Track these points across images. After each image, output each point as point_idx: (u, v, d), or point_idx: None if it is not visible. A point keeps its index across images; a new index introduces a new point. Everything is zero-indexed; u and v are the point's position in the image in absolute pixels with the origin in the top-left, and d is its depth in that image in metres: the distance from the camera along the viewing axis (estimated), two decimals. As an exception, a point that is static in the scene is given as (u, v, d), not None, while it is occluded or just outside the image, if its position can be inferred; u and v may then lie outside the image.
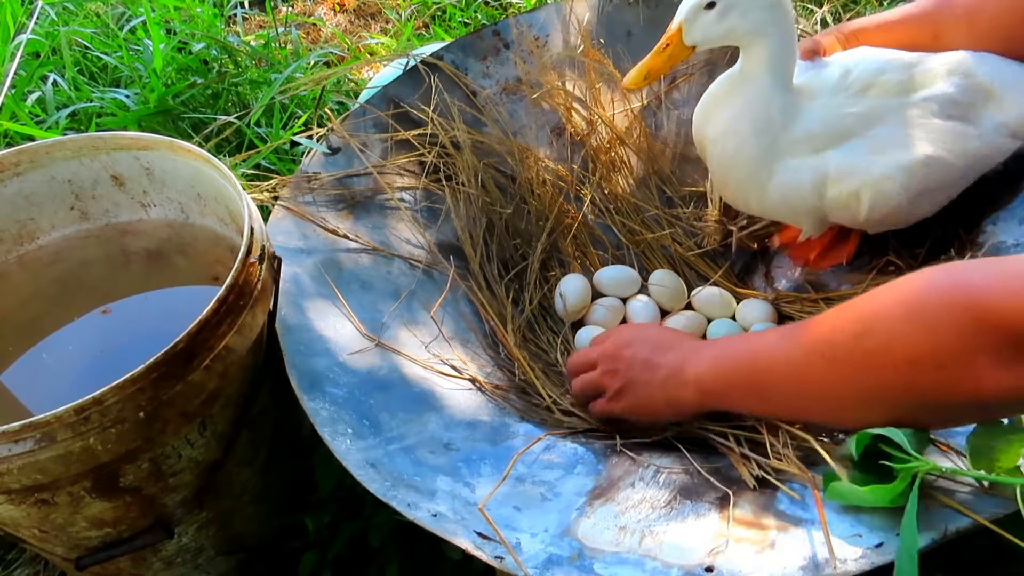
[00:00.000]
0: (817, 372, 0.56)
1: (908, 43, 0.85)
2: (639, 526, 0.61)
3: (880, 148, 0.79)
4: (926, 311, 0.50)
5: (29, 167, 0.85)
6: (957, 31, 0.83)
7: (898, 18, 0.87)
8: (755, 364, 0.62)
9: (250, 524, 0.85)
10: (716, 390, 0.65)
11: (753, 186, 0.85)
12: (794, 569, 0.52)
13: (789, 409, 0.62)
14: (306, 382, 0.71)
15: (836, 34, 0.89)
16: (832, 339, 0.56)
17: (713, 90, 0.86)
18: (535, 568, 0.56)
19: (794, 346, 0.58)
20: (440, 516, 0.60)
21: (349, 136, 0.97)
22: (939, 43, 0.84)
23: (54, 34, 1.51)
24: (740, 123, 0.82)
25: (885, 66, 0.81)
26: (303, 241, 0.87)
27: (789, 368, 0.59)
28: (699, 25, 0.78)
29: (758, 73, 0.81)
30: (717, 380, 0.65)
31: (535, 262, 1.00)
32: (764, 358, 0.61)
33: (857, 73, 0.81)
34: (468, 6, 1.78)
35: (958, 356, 0.49)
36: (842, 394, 0.56)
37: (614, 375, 0.73)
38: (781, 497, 0.61)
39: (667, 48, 0.80)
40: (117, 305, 0.88)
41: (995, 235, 0.81)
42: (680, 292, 1.00)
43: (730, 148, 0.84)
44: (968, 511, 0.52)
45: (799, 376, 0.58)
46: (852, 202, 0.81)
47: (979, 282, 0.49)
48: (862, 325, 0.54)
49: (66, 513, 0.67)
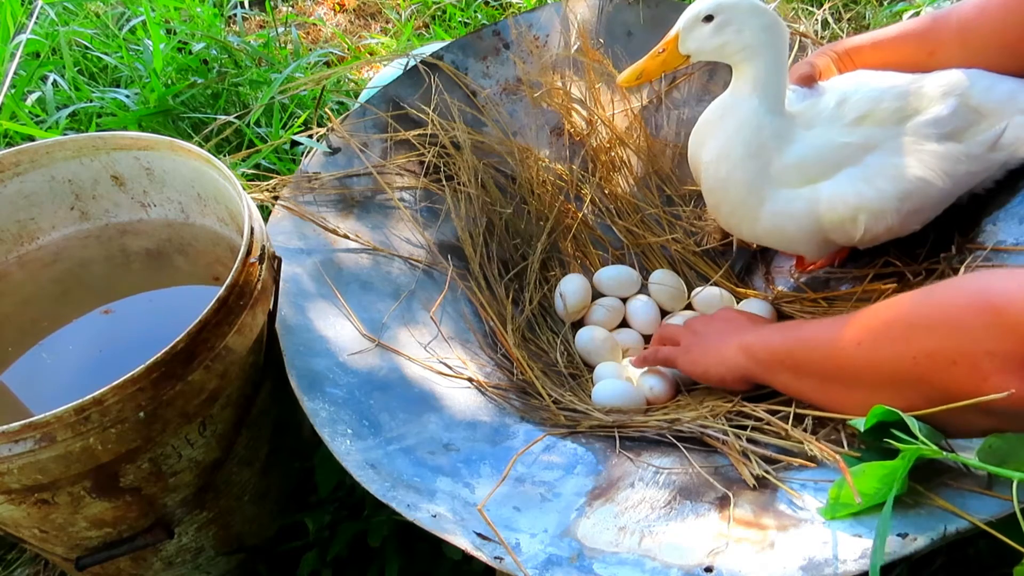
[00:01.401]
0: (845, 355, 0.60)
1: (903, 61, 0.85)
2: (639, 526, 0.61)
3: (874, 176, 0.80)
4: (951, 309, 0.53)
5: (29, 167, 0.85)
6: (951, 48, 0.83)
7: (893, 36, 0.87)
8: (797, 341, 0.67)
9: (250, 524, 0.85)
10: (761, 358, 0.70)
11: (745, 211, 0.85)
12: (794, 569, 0.52)
13: (815, 391, 0.66)
14: (306, 382, 0.71)
15: (830, 54, 0.89)
16: (866, 326, 0.60)
17: (706, 116, 0.87)
18: (534, 568, 0.56)
19: (834, 331, 0.62)
20: (440, 517, 0.60)
21: (349, 136, 0.97)
22: (934, 60, 0.84)
23: (54, 34, 1.51)
24: (732, 147, 0.82)
25: (881, 95, 0.81)
26: (303, 241, 0.87)
27: (824, 350, 0.63)
28: (695, 36, 0.80)
29: (748, 95, 0.81)
30: (763, 350, 0.70)
31: (535, 262, 1.00)
32: (806, 337, 0.66)
33: (853, 102, 0.81)
34: (468, 6, 1.78)
35: (970, 355, 0.51)
36: (862, 377, 0.59)
37: (694, 334, 0.82)
38: (781, 496, 0.61)
39: (662, 53, 0.82)
40: (117, 305, 0.88)
41: (995, 234, 0.81)
42: (680, 292, 1.00)
43: (722, 172, 0.84)
44: (966, 514, 0.52)
45: (831, 358, 0.62)
46: (848, 225, 0.82)
47: (1004, 288, 0.51)
48: (893, 315, 0.58)
49: (66, 513, 0.67)
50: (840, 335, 0.61)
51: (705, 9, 0.79)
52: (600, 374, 0.90)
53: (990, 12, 0.81)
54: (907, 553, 0.51)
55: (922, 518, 0.53)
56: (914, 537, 0.51)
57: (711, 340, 0.78)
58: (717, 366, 0.75)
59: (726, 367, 0.74)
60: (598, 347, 0.94)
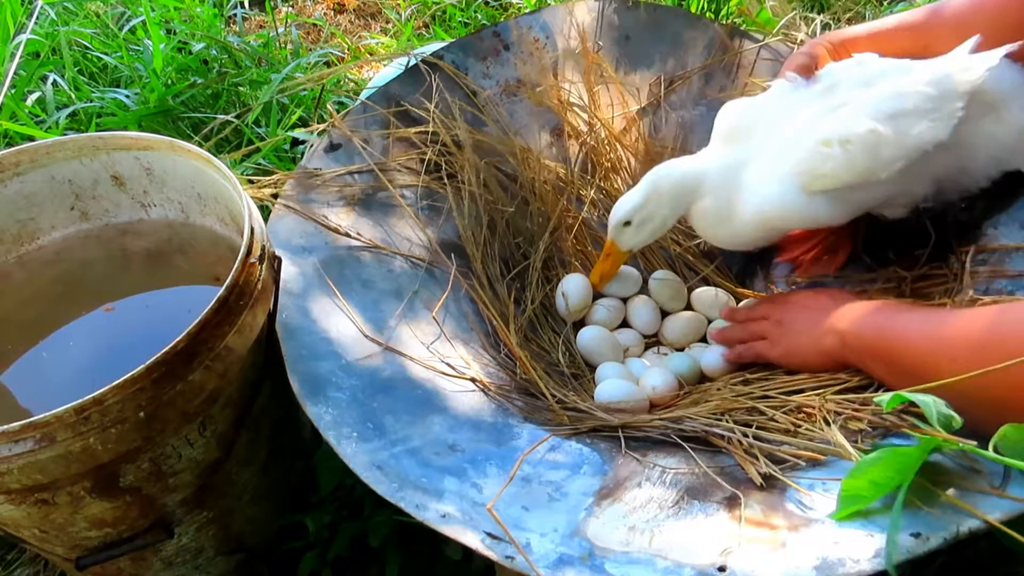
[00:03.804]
0: (938, 368, 0.60)
1: (898, 53, 0.84)
2: (648, 526, 0.60)
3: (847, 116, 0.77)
4: None
5: (29, 167, 0.85)
6: (947, 41, 0.83)
7: (889, 28, 0.87)
8: (891, 337, 0.67)
9: (250, 524, 0.84)
10: (854, 347, 0.71)
11: (734, 238, 0.87)
12: (808, 569, 0.52)
13: (904, 386, 0.66)
14: (308, 388, 0.71)
15: (826, 44, 0.89)
16: (964, 342, 0.60)
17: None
18: (546, 568, 0.56)
19: (928, 334, 0.64)
20: (449, 517, 0.60)
21: (350, 132, 0.97)
22: (929, 53, 0.84)
23: (54, 34, 1.50)
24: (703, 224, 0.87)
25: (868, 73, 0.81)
26: (304, 239, 0.86)
27: (916, 356, 0.64)
28: (626, 238, 0.89)
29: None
30: (856, 339, 0.71)
31: (537, 261, 1.00)
32: (899, 334, 0.66)
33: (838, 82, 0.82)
34: (468, 6, 1.78)
35: None
36: (951, 390, 0.59)
37: (779, 325, 0.82)
38: (790, 496, 0.60)
39: (609, 256, 0.91)
40: (117, 305, 0.88)
41: (996, 239, 0.81)
42: (680, 292, 1.00)
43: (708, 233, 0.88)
44: (979, 512, 0.52)
45: (923, 366, 0.63)
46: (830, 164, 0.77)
47: None
48: (992, 338, 0.58)
49: (66, 513, 0.67)
50: (934, 345, 0.62)
51: (621, 219, 0.87)
52: (603, 374, 0.90)
53: (985, 6, 0.82)
54: (922, 552, 0.51)
55: (935, 518, 0.52)
56: (927, 536, 0.51)
57: (801, 329, 0.79)
58: (815, 356, 0.76)
59: (823, 356, 0.75)
60: (600, 347, 0.94)
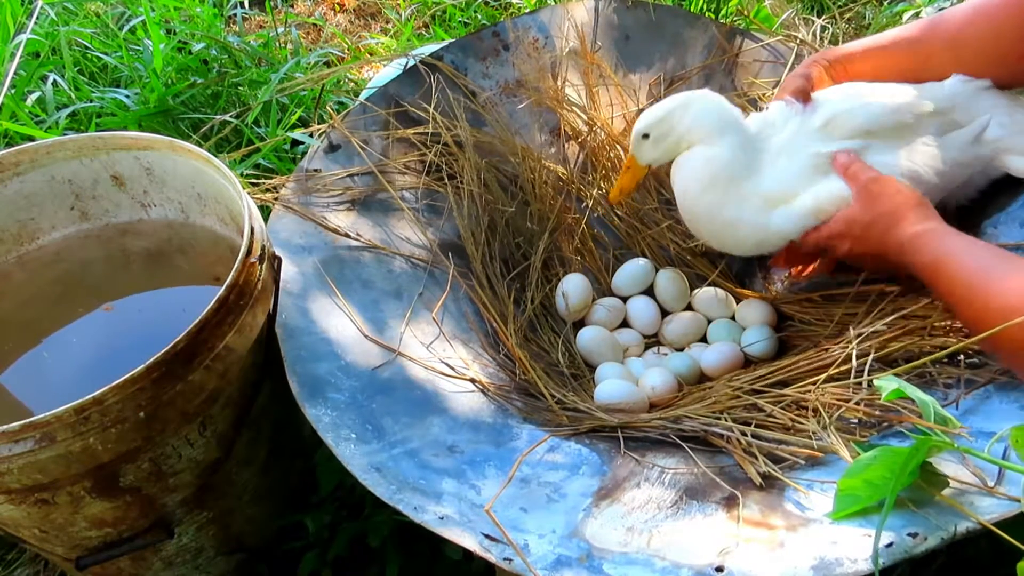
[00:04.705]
0: (989, 317, 0.62)
1: (895, 70, 0.85)
2: (647, 526, 0.60)
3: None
4: None
5: (29, 167, 0.85)
6: (943, 57, 0.83)
7: (885, 45, 0.87)
8: (948, 270, 0.68)
9: (250, 524, 0.84)
10: (914, 265, 0.73)
11: (725, 237, 0.87)
12: (805, 569, 0.52)
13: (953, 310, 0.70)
14: (307, 389, 0.71)
15: (822, 63, 0.88)
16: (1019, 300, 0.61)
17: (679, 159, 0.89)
18: (544, 569, 0.56)
19: (982, 280, 0.65)
20: (447, 519, 0.60)
21: (350, 133, 0.97)
22: (926, 69, 0.84)
23: (54, 34, 1.50)
24: (698, 180, 0.86)
25: (868, 109, 0.82)
26: (303, 239, 0.86)
27: (968, 298, 0.66)
28: (643, 152, 0.89)
29: (711, 145, 0.85)
30: (916, 259, 0.72)
31: (537, 261, 1.00)
32: (956, 269, 0.68)
33: (842, 118, 0.82)
34: (468, 6, 1.78)
35: None
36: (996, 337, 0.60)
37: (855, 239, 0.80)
38: (788, 496, 0.60)
39: (629, 170, 0.92)
40: (117, 304, 0.88)
41: (995, 238, 0.81)
42: (682, 292, 1.00)
43: (688, 204, 0.88)
44: (975, 514, 0.52)
45: (974, 307, 0.65)
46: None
47: None
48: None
49: (66, 513, 0.67)
50: (987, 294, 0.63)
51: (640, 130, 0.87)
52: (603, 374, 0.90)
53: (981, 23, 0.81)
54: (919, 552, 0.51)
55: (931, 518, 0.52)
56: (924, 536, 0.51)
57: (875, 235, 0.78)
58: (890, 259, 0.76)
59: (883, 258, 0.77)
60: (600, 347, 0.94)
